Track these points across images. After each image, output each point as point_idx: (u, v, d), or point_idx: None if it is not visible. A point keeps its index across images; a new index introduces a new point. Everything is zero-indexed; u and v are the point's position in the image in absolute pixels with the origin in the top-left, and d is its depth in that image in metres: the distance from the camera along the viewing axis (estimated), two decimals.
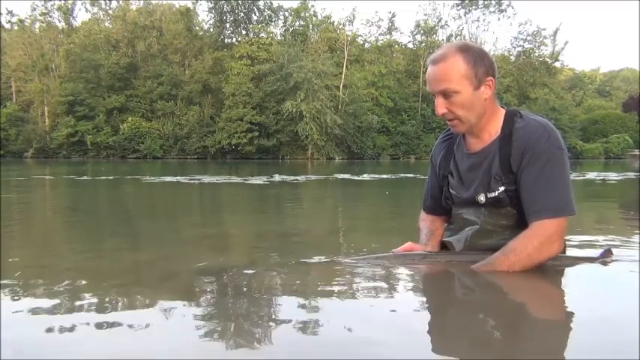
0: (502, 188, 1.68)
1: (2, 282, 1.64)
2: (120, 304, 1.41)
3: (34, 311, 1.34)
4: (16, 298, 1.49)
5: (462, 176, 1.80)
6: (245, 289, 1.55)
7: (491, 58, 1.69)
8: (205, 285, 1.62)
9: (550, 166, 1.61)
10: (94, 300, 1.44)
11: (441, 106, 1.66)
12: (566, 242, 2.41)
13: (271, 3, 41.59)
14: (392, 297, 1.48)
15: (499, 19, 55.55)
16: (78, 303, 1.41)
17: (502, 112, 1.73)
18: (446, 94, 1.65)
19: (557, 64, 45.57)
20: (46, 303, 1.42)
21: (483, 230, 1.73)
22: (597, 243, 2.40)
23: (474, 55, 1.64)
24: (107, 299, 1.45)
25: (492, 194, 1.70)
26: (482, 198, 1.73)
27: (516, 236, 1.63)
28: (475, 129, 1.72)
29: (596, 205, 5.22)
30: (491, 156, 1.70)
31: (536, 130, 1.64)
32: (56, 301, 1.44)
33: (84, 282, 1.66)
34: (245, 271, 1.76)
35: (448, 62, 1.64)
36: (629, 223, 3.71)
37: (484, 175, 1.72)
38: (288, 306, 1.38)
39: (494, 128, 1.71)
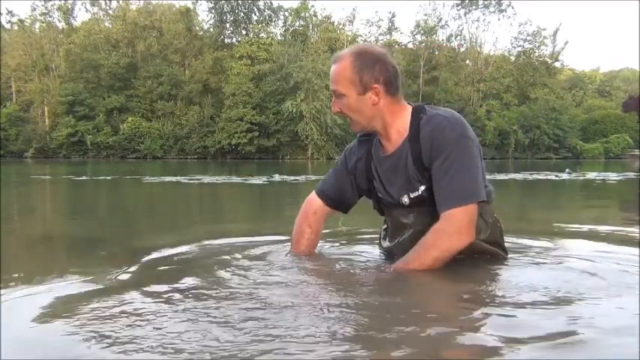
0: (423, 187, 1.69)
1: (2, 282, 1.64)
2: (120, 304, 1.41)
3: (34, 311, 1.34)
4: (15, 298, 1.49)
5: (382, 180, 1.80)
6: (239, 288, 1.55)
7: (389, 66, 1.69)
8: (203, 286, 1.61)
9: (454, 156, 1.61)
10: (94, 300, 1.44)
11: (334, 105, 1.75)
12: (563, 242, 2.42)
13: (271, 3, 41.67)
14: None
15: (499, 19, 55.45)
16: (77, 303, 1.41)
17: (408, 110, 1.74)
18: (336, 95, 1.72)
19: (557, 64, 45.59)
20: (46, 303, 1.42)
21: (417, 232, 1.71)
22: (595, 242, 2.40)
23: (365, 60, 1.66)
24: (107, 299, 1.45)
25: (415, 194, 1.71)
26: (406, 199, 1.74)
27: (429, 231, 1.64)
28: (381, 131, 1.74)
29: (597, 205, 5.23)
30: (404, 156, 1.71)
31: (440, 123, 1.65)
32: (56, 301, 1.44)
33: (83, 281, 1.66)
34: (238, 269, 1.76)
35: (340, 65, 1.69)
36: (629, 222, 3.71)
37: (403, 177, 1.73)
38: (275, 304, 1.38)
39: (402, 128, 1.72)
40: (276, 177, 9.98)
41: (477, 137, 1.77)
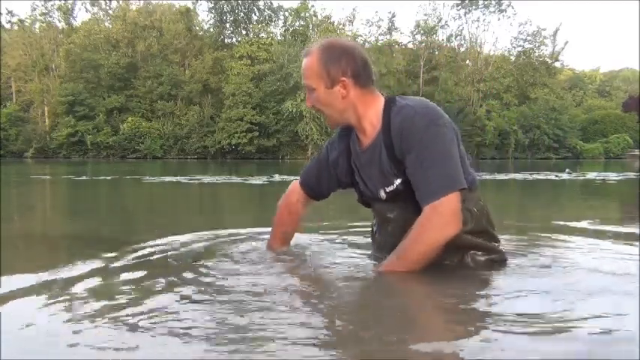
0: (398, 181, 1.66)
1: (2, 281, 1.64)
2: (121, 305, 1.41)
3: (34, 311, 1.34)
4: (15, 297, 1.49)
5: (362, 174, 1.79)
6: (223, 286, 1.55)
7: (356, 58, 1.68)
8: (195, 284, 1.61)
9: (426, 147, 1.57)
10: (93, 300, 1.44)
11: (307, 100, 1.75)
12: (560, 244, 2.42)
13: (271, 3, 41.66)
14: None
15: (499, 19, 55.38)
16: (77, 302, 1.41)
17: (381, 102, 1.71)
18: (308, 90, 1.72)
19: (557, 64, 45.54)
20: (46, 303, 1.42)
21: (401, 227, 1.68)
22: (594, 243, 2.39)
23: (331, 54, 1.67)
24: (107, 300, 1.45)
25: (391, 188, 1.69)
26: (382, 194, 1.72)
27: (413, 225, 1.60)
28: (355, 124, 1.72)
29: (597, 205, 5.23)
30: (378, 150, 1.68)
31: (408, 114, 1.61)
32: (56, 301, 1.44)
33: (83, 282, 1.66)
34: (228, 267, 1.76)
35: (309, 59, 1.70)
36: (629, 222, 3.71)
37: (378, 171, 1.71)
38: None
39: (375, 120, 1.69)
40: (276, 177, 9.97)
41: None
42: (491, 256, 1.74)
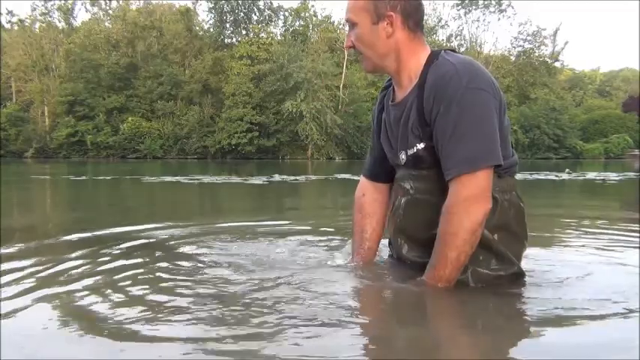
0: (421, 145, 1.47)
1: (2, 281, 1.64)
2: (120, 307, 1.41)
3: (34, 311, 1.34)
4: (15, 297, 1.49)
5: (388, 133, 1.60)
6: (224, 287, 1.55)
7: None
8: (195, 292, 1.61)
9: (461, 110, 1.36)
10: (94, 300, 1.44)
11: (347, 38, 1.55)
12: (561, 245, 2.42)
13: (271, 3, 41.66)
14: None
15: (499, 19, 55.19)
16: (78, 303, 1.41)
17: (426, 53, 1.51)
18: (350, 25, 1.53)
19: (557, 64, 45.54)
20: (46, 303, 1.42)
21: (415, 200, 1.52)
22: (594, 245, 2.39)
23: None
24: (107, 301, 1.45)
25: (412, 151, 1.50)
26: (403, 156, 1.54)
27: (440, 217, 1.40)
28: (394, 73, 1.54)
29: (596, 205, 5.23)
30: (409, 106, 1.49)
31: (447, 72, 1.40)
32: (56, 301, 1.44)
33: (83, 282, 1.66)
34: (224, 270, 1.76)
35: None
36: (628, 223, 3.70)
37: (402, 130, 1.52)
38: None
39: (414, 72, 1.50)
40: (276, 177, 9.97)
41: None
42: (499, 272, 1.49)
